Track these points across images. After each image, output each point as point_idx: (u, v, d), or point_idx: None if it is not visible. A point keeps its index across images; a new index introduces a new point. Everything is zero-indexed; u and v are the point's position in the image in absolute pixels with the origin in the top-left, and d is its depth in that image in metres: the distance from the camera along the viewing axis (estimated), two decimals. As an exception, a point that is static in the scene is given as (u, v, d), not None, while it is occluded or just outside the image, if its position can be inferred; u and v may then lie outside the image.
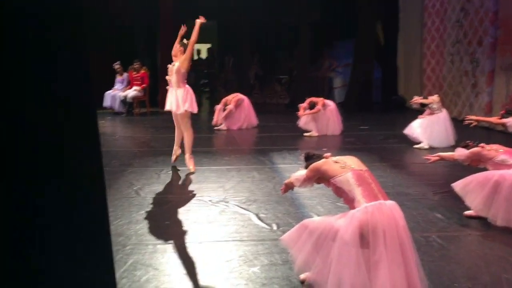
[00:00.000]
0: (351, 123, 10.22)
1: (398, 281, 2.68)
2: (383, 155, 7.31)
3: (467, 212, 4.51)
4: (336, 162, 3.05)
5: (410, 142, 8.03)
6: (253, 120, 10.11)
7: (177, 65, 6.00)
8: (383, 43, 14.59)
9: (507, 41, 9.20)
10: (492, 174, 4.29)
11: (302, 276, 3.16)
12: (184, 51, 6.01)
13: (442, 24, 11.48)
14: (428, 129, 7.90)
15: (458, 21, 10.76)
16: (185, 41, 6.14)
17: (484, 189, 4.27)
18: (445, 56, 11.39)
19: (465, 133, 8.78)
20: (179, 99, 5.95)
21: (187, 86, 6.10)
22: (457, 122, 9.60)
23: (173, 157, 6.39)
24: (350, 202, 2.91)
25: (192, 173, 6.08)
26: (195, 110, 6.09)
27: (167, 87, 6.22)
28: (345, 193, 2.93)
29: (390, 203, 2.84)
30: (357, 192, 2.84)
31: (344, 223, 2.79)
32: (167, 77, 6.21)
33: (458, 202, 4.83)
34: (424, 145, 7.82)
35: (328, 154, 3.21)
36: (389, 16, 13.82)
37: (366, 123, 10.51)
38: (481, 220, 4.37)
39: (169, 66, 6.17)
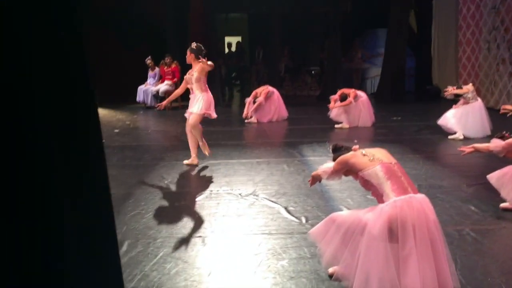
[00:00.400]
0: (384, 114, 10.06)
1: (428, 276, 2.63)
2: (416, 147, 7.17)
3: (503, 205, 4.39)
4: (365, 155, 3.01)
5: (444, 133, 7.85)
6: (283, 112, 10.08)
7: (196, 75, 6.01)
8: (416, 31, 14.27)
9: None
10: None
11: (330, 270, 3.15)
12: (195, 57, 6.01)
13: (477, 11, 11.13)
14: (462, 119, 7.70)
15: (494, 7, 10.41)
16: (193, 45, 6.12)
17: None
18: (481, 44, 11.04)
19: (501, 123, 8.52)
20: (197, 102, 6.01)
21: (208, 92, 6.10)
22: (494, 112, 9.32)
23: (188, 161, 6.28)
24: (378, 196, 2.87)
25: (195, 166, 6.17)
26: (212, 115, 6.16)
27: (190, 95, 6.20)
28: (373, 186, 2.89)
29: (420, 197, 2.78)
30: (386, 186, 2.80)
31: (372, 217, 2.75)
32: (188, 86, 6.21)
33: (493, 194, 4.70)
34: (459, 135, 7.63)
35: (356, 146, 3.16)
36: (422, 3, 13.49)
37: (398, 114, 10.32)
38: (518, 213, 4.24)
39: (187, 76, 6.17)
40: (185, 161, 6.27)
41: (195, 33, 12.77)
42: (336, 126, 8.97)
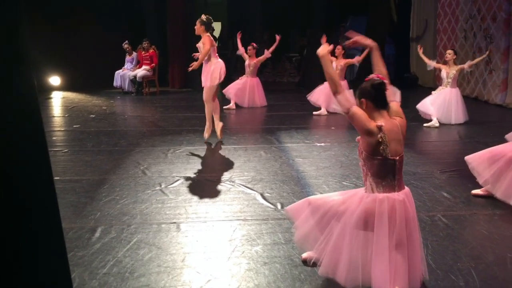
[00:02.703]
0: (362, 101, 10.11)
1: (400, 271, 2.64)
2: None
3: (474, 191, 4.46)
4: (381, 141, 2.68)
5: (420, 121, 7.94)
6: (262, 98, 10.06)
7: (200, 43, 6.30)
8: (396, 19, 14.31)
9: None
10: (508, 149, 4.19)
11: (304, 255, 3.17)
12: (205, 29, 6.22)
13: (454, -1, 11.21)
14: (441, 106, 7.81)
15: (471, -5, 10.50)
16: (203, 17, 6.27)
17: (497, 163, 4.18)
18: (457, 32, 11.14)
19: (477, 112, 8.68)
20: (206, 74, 6.31)
21: (211, 61, 6.32)
22: (470, 100, 9.47)
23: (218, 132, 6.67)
24: (365, 173, 2.78)
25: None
26: (205, 84, 6.36)
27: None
28: (367, 167, 2.76)
29: (403, 193, 2.73)
30: (378, 179, 2.72)
31: (351, 206, 2.75)
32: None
33: (465, 181, 4.79)
34: (435, 123, 7.74)
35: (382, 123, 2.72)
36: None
37: (376, 101, 10.37)
38: (488, 199, 4.32)
39: (198, 44, 6.39)
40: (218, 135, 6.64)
41: (174, 18, 12.61)
42: (314, 113, 8.99)
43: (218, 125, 6.61)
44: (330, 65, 2.84)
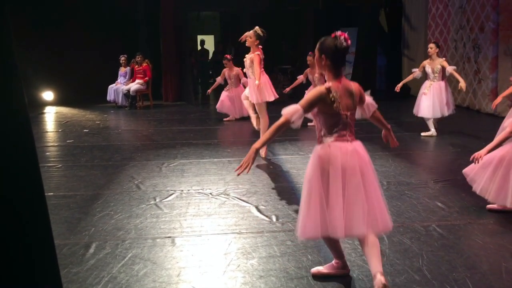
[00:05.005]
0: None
1: (358, 214, 2.74)
2: (385, 145, 7.09)
3: (489, 206, 4.34)
4: (332, 100, 2.78)
5: (415, 131, 7.99)
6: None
7: (250, 58, 6.20)
8: (387, 30, 14.46)
9: (510, 27, 9.07)
10: (496, 152, 4.17)
11: (313, 270, 3.17)
12: (255, 40, 6.12)
13: (446, 10, 11.35)
14: (433, 103, 7.74)
15: (461, 6, 10.63)
16: (259, 30, 6.17)
17: (489, 167, 4.18)
18: (449, 42, 11.26)
19: (469, 120, 8.73)
20: (255, 89, 6.22)
21: (264, 75, 6.36)
22: (462, 109, 9.54)
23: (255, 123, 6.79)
24: (319, 131, 2.93)
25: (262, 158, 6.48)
26: (271, 98, 6.41)
27: (246, 79, 6.49)
28: (322, 119, 2.89)
29: (356, 143, 2.87)
30: (330, 129, 2.86)
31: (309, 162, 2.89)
32: (245, 70, 6.42)
33: (459, 191, 4.82)
34: (433, 133, 7.75)
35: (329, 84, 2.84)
36: (392, 3, 13.68)
37: (369, 112, 10.42)
38: (483, 209, 4.34)
39: (246, 59, 6.28)
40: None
41: (167, 31, 12.67)
42: (309, 124, 9.00)
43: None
44: (263, 139, 3.06)
